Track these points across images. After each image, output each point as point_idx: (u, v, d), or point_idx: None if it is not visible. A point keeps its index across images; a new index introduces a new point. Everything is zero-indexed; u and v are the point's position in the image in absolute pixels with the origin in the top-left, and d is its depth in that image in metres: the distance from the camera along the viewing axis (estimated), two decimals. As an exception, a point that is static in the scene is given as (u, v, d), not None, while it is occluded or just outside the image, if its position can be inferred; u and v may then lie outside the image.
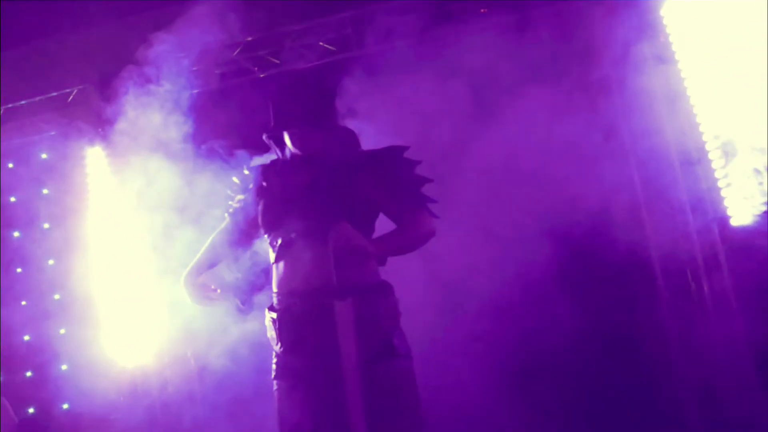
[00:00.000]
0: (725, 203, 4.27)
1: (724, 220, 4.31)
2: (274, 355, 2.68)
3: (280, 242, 2.64)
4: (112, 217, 5.17)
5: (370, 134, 3.07)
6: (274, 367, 2.67)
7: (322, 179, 2.66)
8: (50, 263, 5.40)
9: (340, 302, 2.45)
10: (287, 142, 2.74)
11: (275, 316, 2.63)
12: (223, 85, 5.17)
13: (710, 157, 4.31)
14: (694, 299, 4.51)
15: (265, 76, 5.23)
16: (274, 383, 2.66)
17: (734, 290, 4.35)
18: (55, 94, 5.43)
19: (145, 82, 3.58)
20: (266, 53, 5.21)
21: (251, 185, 2.83)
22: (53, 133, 5.46)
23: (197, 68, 4.29)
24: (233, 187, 2.92)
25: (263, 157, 2.97)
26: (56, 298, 5.35)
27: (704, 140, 4.32)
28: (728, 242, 4.35)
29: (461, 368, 4.16)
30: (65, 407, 5.19)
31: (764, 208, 4.10)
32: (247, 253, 2.92)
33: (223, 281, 2.88)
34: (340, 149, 2.75)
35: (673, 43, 4.41)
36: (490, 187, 4.09)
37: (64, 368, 5.20)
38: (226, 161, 3.14)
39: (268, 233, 2.71)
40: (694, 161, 4.38)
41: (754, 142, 4.11)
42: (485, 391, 4.09)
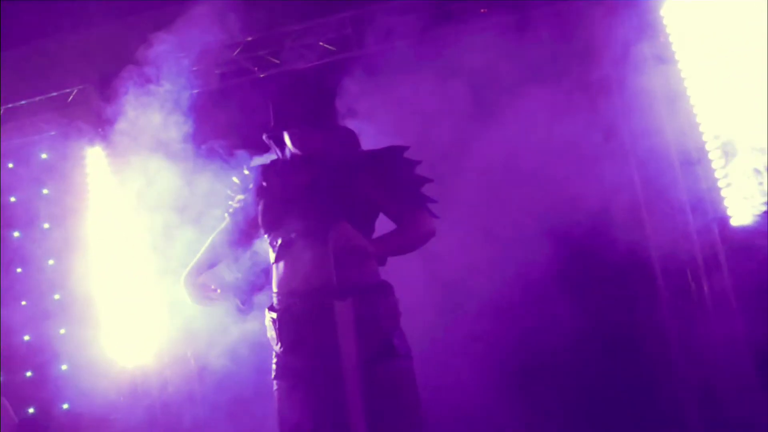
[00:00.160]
0: (725, 203, 4.27)
1: (724, 220, 4.31)
2: (274, 355, 2.68)
3: (280, 242, 2.64)
4: (112, 217, 5.16)
5: (370, 134, 3.07)
6: (274, 367, 2.67)
7: (322, 179, 2.66)
8: (50, 263, 5.40)
9: (340, 302, 2.45)
10: (287, 142, 2.74)
11: (275, 316, 2.63)
12: (223, 85, 5.17)
13: (710, 157, 4.30)
14: (694, 299, 4.51)
15: (265, 76, 5.24)
16: (274, 383, 2.66)
17: (734, 290, 4.35)
18: (55, 94, 5.43)
19: (145, 82, 3.58)
20: (266, 53, 5.21)
21: (251, 185, 2.82)
22: (53, 133, 5.46)
23: (197, 68, 4.28)
24: (233, 187, 2.92)
25: (263, 157, 2.97)
26: (56, 298, 5.35)
27: (704, 140, 4.32)
28: (728, 242, 4.35)
29: (461, 368, 4.16)
30: (65, 407, 5.19)
31: (764, 208, 4.10)
32: (247, 253, 2.92)
33: (223, 281, 2.88)
34: (340, 149, 2.74)
35: (673, 43, 4.41)
36: (489, 187, 4.08)
37: (64, 368, 5.20)
38: (226, 161, 3.14)
39: (268, 233, 2.71)
40: (694, 161, 4.38)
41: (754, 142, 4.11)
42: (485, 390, 4.09)
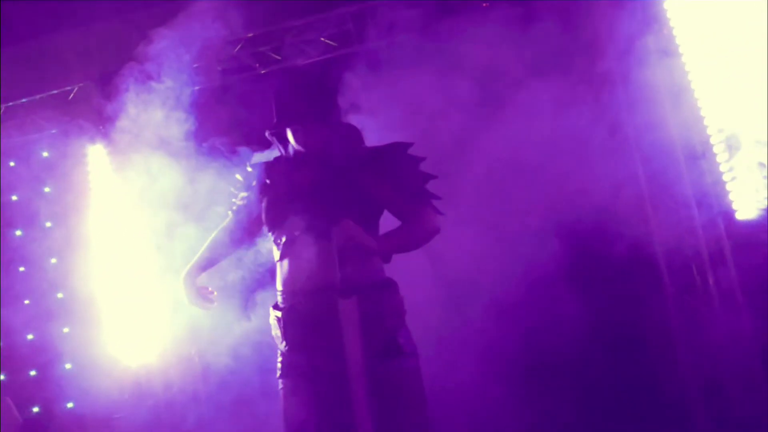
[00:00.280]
0: (730, 197, 4.25)
1: (729, 214, 4.29)
2: (279, 353, 2.66)
3: (284, 240, 2.62)
4: (114, 215, 5.16)
5: (373, 130, 3.05)
6: (279, 365, 2.65)
7: (325, 176, 2.63)
8: (52, 262, 5.40)
9: (344, 300, 2.43)
10: (290, 138, 2.72)
11: (280, 314, 2.61)
12: (224, 81, 5.15)
13: (715, 150, 4.29)
14: (699, 294, 4.50)
15: (266, 72, 5.22)
16: (279, 382, 2.64)
17: (740, 285, 4.33)
18: (55, 91, 5.42)
19: (146, 79, 3.56)
20: (267, 49, 5.20)
21: (254, 183, 2.80)
22: (54, 131, 5.45)
23: (198, 65, 4.25)
24: (236, 184, 2.89)
25: (266, 153, 2.95)
26: (59, 297, 5.35)
27: (708, 134, 4.30)
28: (733, 237, 4.33)
29: (467, 365, 4.14)
30: (70, 406, 5.19)
31: (769, 201, 4.09)
32: (249, 251, 2.90)
33: (224, 280, 2.86)
34: (343, 146, 2.72)
35: (677, 36, 4.38)
36: (493, 182, 4.06)
37: (67, 367, 5.20)
38: (228, 158, 3.12)
39: (272, 231, 2.69)
40: (698, 155, 4.37)
41: (758, 135, 4.09)
42: (491, 387, 4.08)
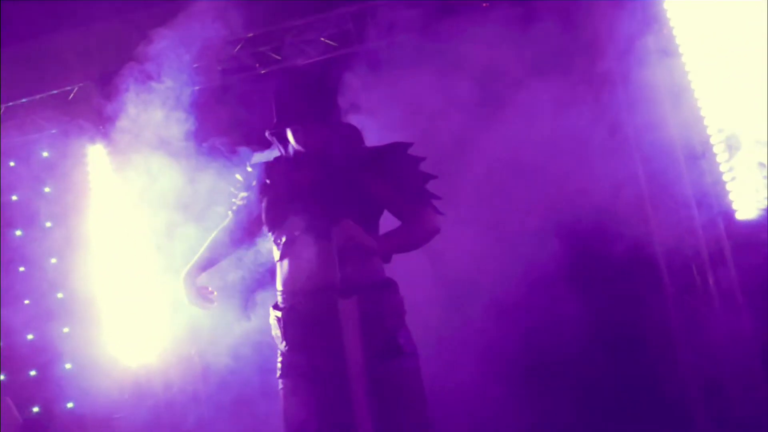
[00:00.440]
0: (730, 197, 4.25)
1: (729, 214, 4.29)
2: (279, 353, 2.66)
3: (284, 240, 2.62)
4: (114, 215, 5.16)
5: (373, 129, 3.05)
6: (279, 365, 2.65)
7: (325, 176, 2.63)
8: (52, 262, 5.40)
9: (344, 300, 2.43)
10: (290, 138, 2.72)
11: (280, 314, 2.61)
12: (224, 81, 5.15)
13: (715, 150, 4.29)
14: (699, 294, 4.49)
15: (266, 72, 5.22)
16: (279, 382, 2.64)
17: (740, 285, 4.34)
18: (55, 91, 5.42)
19: (146, 79, 3.56)
20: (267, 49, 5.20)
21: (254, 183, 2.80)
22: (54, 131, 5.45)
23: (198, 65, 4.25)
24: (236, 184, 2.89)
25: (266, 153, 2.95)
26: (59, 296, 5.35)
27: (708, 134, 4.30)
28: (733, 237, 4.33)
29: (467, 365, 4.14)
30: (70, 406, 5.19)
31: (769, 201, 4.09)
32: (249, 251, 2.90)
33: (224, 280, 2.86)
34: (343, 146, 2.72)
35: (677, 36, 4.38)
36: (493, 182, 4.06)
37: (68, 367, 5.20)
38: (228, 158, 3.12)
39: (272, 231, 2.69)
40: (698, 155, 4.36)
41: (758, 135, 4.09)
42: (491, 387, 4.08)
